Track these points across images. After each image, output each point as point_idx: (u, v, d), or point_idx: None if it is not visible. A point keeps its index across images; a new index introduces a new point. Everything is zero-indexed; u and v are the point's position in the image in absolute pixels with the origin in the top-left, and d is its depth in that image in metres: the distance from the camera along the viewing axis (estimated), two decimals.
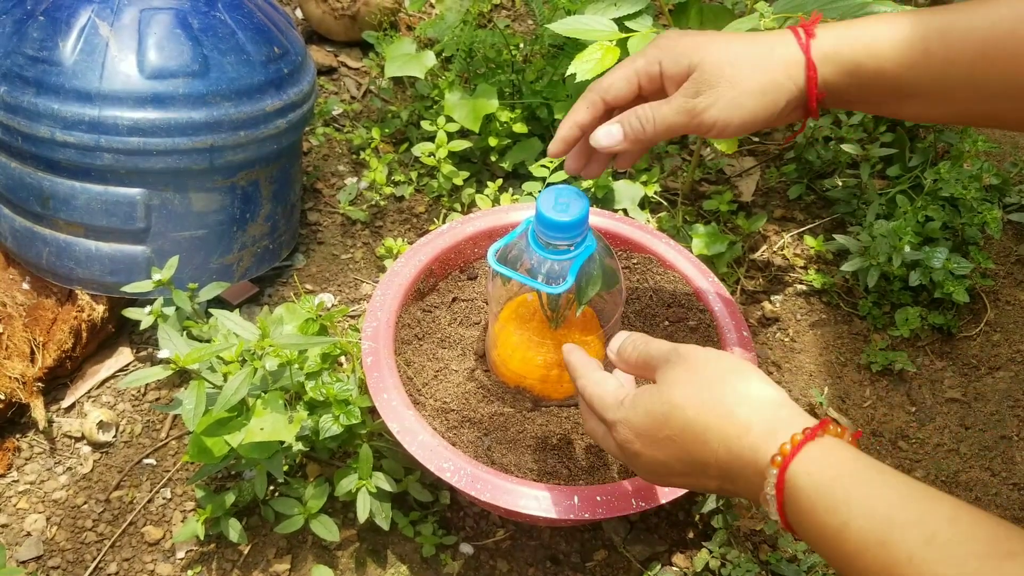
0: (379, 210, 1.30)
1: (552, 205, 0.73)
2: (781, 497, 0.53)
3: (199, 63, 0.97)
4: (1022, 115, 0.64)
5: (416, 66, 1.28)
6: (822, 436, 0.54)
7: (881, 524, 0.48)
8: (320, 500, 0.88)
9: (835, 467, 0.52)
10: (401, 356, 0.88)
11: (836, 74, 0.67)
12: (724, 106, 0.66)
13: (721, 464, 0.57)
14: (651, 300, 0.96)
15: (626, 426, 0.62)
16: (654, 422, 0.60)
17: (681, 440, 0.59)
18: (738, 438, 0.56)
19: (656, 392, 0.61)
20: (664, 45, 0.70)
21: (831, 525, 0.50)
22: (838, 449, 0.53)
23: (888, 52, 0.65)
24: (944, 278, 1.14)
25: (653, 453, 0.61)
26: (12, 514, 0.93)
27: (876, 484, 0.50)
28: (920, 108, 0.68)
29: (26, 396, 0.97)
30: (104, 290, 1.04)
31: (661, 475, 0.62)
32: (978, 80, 0.63)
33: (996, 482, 1.02)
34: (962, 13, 0.63)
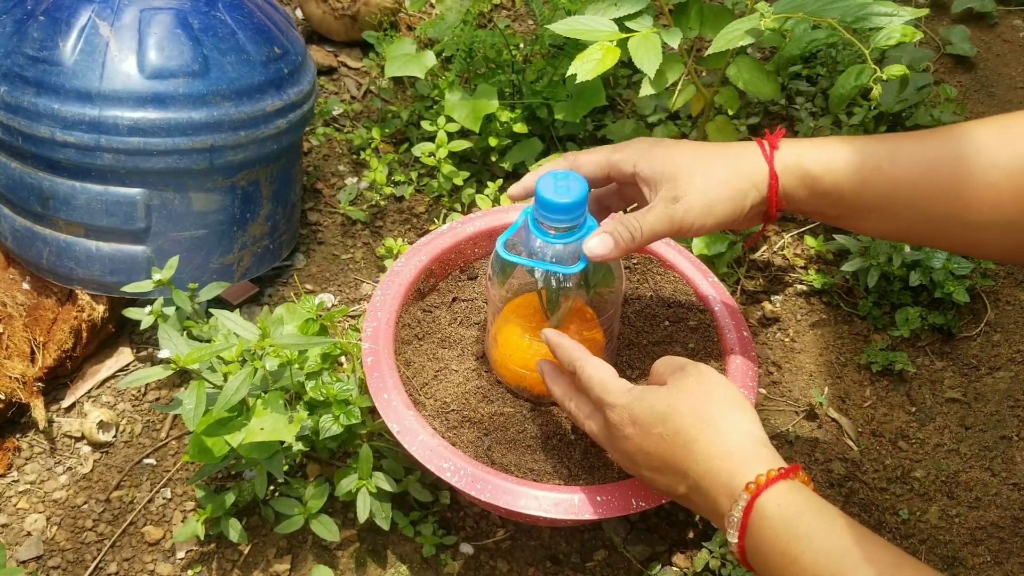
0: (379, 210, 1.30)
1: (552, 188, 0.73)
2: (746, 521, 0.60)
3: (199, 63, 0.97)
4: (958, 240, 0.70)
5: (416, 66, 1.28)
6: (793, 478, 0.61)
7: (835, 560, 0.55)
8: (320, 500, 0.88)
9: (801, 505, 0.59)
10: (401, 356, 0.88)
11: (796, 186, 0.72)
12: (698, 212, 0.72)
13: (697, 477, 0.64)
14: (651, 300, 0.96)
15: (627, 411, 0.68)
16: (653, 418, 0.67)
17: (671, 442, 0.66)
18: (720, 459, 0.63)
19: (664, 393, 0.68)
20: (641, 149, 0.76)
21: (790, 553, 0.57)
22: (805, 492, 0.60)
23: (843, 168, 0.70)
24: (944, 278, 1.14)
25: (641, 443, 0.68)
26: (12, 514, 0.93)
27: (836, 525, 0.57)
28: (872, 225, 0.73)
29: (26, 396, 0.97)
30: (104, 290, 1.04)
31: (638, 464, 0.69)
32: (920, 202, 0.68)
33: (996, 482, 1.01)
34: (913, 139, 0.70)
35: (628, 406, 0.68)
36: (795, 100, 1.48)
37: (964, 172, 0.66)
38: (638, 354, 0.91)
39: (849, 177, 0.70)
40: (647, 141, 0.76)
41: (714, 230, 0.74)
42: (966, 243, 0.71)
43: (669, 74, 1.08)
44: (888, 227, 0.72)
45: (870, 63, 0.97)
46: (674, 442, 0.65)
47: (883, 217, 0.71)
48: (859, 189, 0.70)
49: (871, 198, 0.70)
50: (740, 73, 1.11)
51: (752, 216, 0.75)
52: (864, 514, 0.98)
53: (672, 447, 0.66)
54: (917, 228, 0.71)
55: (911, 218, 0.70)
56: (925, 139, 0.69)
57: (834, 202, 0.72)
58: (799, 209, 0.75)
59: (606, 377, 0.71)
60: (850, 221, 0.74)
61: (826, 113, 1.40)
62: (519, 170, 1.32)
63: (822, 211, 0.74)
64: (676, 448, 0.65)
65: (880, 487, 1.01)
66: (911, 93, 1.37)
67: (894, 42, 0.95)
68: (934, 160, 0.68)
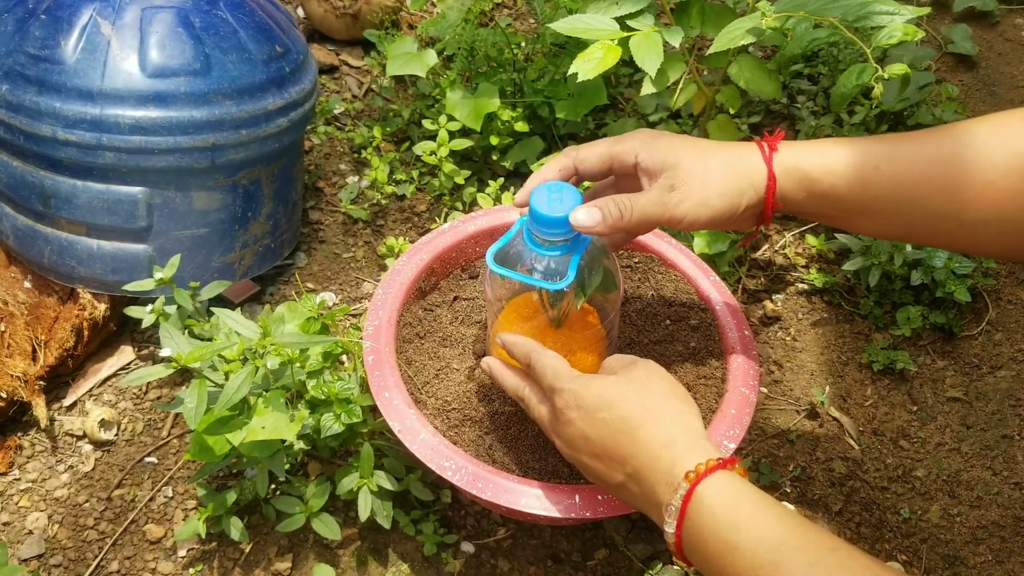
0: (380, 209, 1.30)
1: (546, 201, 0.73)
2: (684, 509, 0.61)
3: (201, 62, 0.97)
4: (957, 239, 0.70)
5: (418, 65, 1.28)
6: (732, 468, 0.62)
7: (774, 546, 0.56)
8: (321, 499, 0.88)
9: (740, 494, 0.60)
10: (402, 355, 0.88)
11: (793, 188, 0.72)
12: (694, 203, 0.72)
13: (637, 464, 0.65)
14: (652, 299, 0.96)
15: (573, 395, 0.69)
16: (599, 402, 0.68)
17: (614, 427, 0.67)
18: (661, 448, 0.64)
19: (612, 381, 0.69)
20: (643, 141, 0.75)
21: (729, 542, 0.58)
22: (743, 482, 0.61)
23: (841, 170, 0.70)
24: (946, 277, 1.14)
25: (583, 427, 0.68)
26: (14, 512, 0.93)
27: (772, 513, 0.58)
28: (870, 225, 0.73)
29: (28, 394, 0.97)
30: (106, 289, 1.04)
31: (578, 449, 0.70)
32: (919, 201, 0.69)
33: (997, 481, 1.01)
34: (911, 139, 0.70)
35: (575, 391, 0.69)
36: (796, 99, 1.48)
37: (962, 171, 0.67)
38: (639, 353, 0.91)
39: (847, 178, 0.70)
40: (650, 133, 0.76)
41: (706, 227, 0.74)
42: (965, 241, 0.71)
43: (670, 73, 1.08)
44: (886, 227, 0.73)
45: (871, 62, 0.97)
46: (618, 428, 0.66)
47: (882, 217, 0.71)
48: (858, 190, 0.70)
49: (870, 199, 0.70)
50: (741, 72, 1.11)
51: (747, 217, 0.75)
52: (865, 513, 0.98)
53: (615, 433, 0.67)
54: (916, 228, 0.71)
55: (910, 218, 0.70)
56: (923, 139, 0.69)
57: (832, 203, 0.72)
58: (796, 211, 0.75)
59: (558, 365, 0.73)
60: (848, 222, 0.74)
61: (827, 112, 1.40)
62: (520, 169, 1.32)
63: (820, 212, 0.74)
64: (619, 434, 0.66)
65: (881, 486, 1.01)
66: (913, 92, 1.37)
67: (895, 41, 0.95)
68: (933, 159, 0.68)
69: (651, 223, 0.73)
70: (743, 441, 0.96)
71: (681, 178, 0.72)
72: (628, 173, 0.77)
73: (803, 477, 1.01)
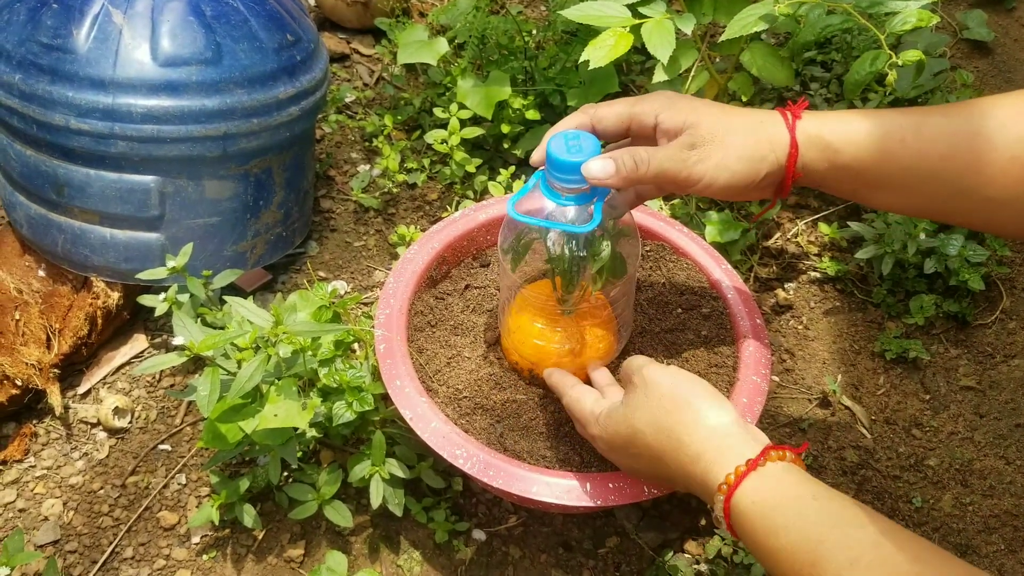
0: (392, 197, 1.30)
1: (564, 147, 0.71)
2: (728, 520, 0.61)
3: (212, 51, 0.97)
4: (978, 216, 0.69)
5: (428, 53, 1.28)
6: (764, 465, 0.60)
7: (812, 547, 0.55)
8: (334, 486, 0.88)
9: (774, 496, 0.59)
10: (414, 343, 0.88)
11: (815, 158, 0.71)
12: (713, 164, 0.70)
13: (681, 481, 0.66)
14: (664, 288, 0.96)
15: (603, 441, 0.72)
16: (622, 441, 0.69)
17: (646, 458, 0.68)
18: (691, 464, 0.64)
19: (621, 415, 0.70)
20: (665, 101, 0.73)
21: (771, 547, 0.57)
22: (778, 476, 0.60)
23: (865, 141, 0.69)
24: (959, 265, 1.13)
25: (627, 462, 0.72)
26: (29, 499, 0.94)
27: (811, 510, 0.57)
28: (890, 199, 0.71)
29: (42, 382, 0.98)
30: (119, 277, 1.04)
31: (638, 475, 0.74)
32: (943, 175, 0.67)
33: (1011, 470, 1.01)
34: (938, 113, 0.68)
35: (601, 437, 0.72)
36: (810, 86, 1.47)
37: (989, 146, 0.65)
38: (651, 341, 0.91)
39: (871, 150, 0.68)
40: (670, 94, 0.74)
41: (721, 192, 0.71)
42: (986, 219, 0.69)
43: (682, 60, 1.08)
44: (907, 202, 0.71)
45: (885, 48, 0.96)
46: (648, 458, 0.68)
47: (903, 191, 0.70)
48: (881, 162, 0.68)
49: (893, 171, 0.68)
50: (754, 59, 1.10)
51: (765, 186, 0.72)
52: (877, 502, 0.98)
53: (650, 462, 0.68)
54: (936, 203, 0.70)
55: (932, 192, 0.68)
56: (950, 112, 0.68)
57: (854, 175, 0.70)
58: (815, 182, 0.73)
59: (581, 410, 0.75)
60: (868, 195, 0.72)
61: (841, 99, 1.39)
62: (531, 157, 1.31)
63: (839, 185, 0.72)
64: (653, 462, 0.68)
65: (893, 475, 1.00)
66: (927, 79, 1.36)
67: (910, 27, 0.94)
68: (958, 133, 0.66)
69: (667, 180, 0.71)
70: None
71: (702, 137, 0.70)
72: (646, 135, 0.74)
73: (815, 466, 1.01)
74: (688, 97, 0.74)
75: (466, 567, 0.90)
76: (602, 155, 0.70)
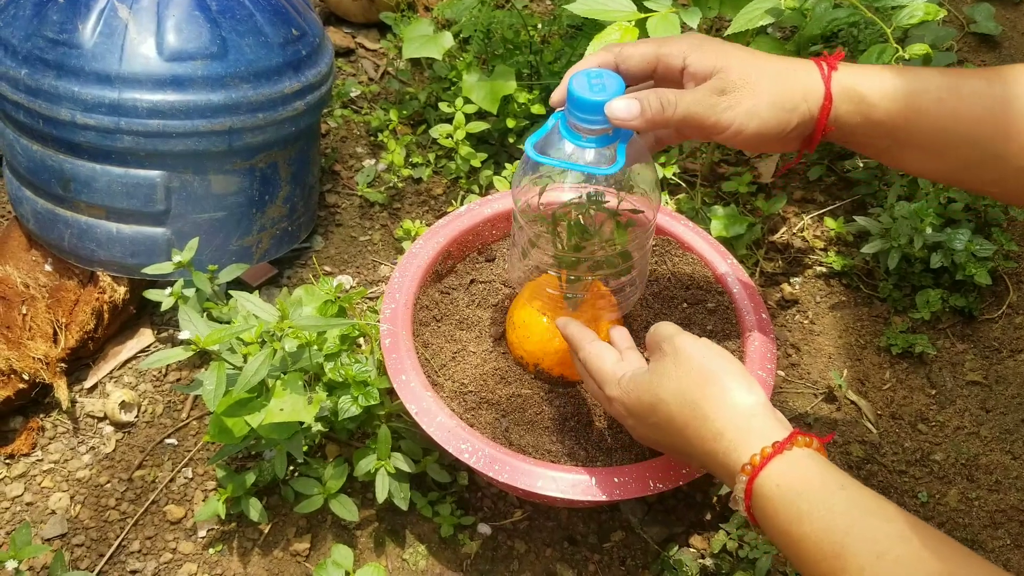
0: (397, 192, 1.30)
1: (586, 85, 0.67)
2: (749, 501, 0.59)
3: (218, 45, 0.97)
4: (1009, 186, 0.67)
5: (434, 47, 1.28)
6: (790, 449, 0.58)
7: (838, 537, 0.53)
8: (339, 480, 0.88)
9: (800, 481, 0.57)
10: (419, 338, 0.89)
11: (849, 111, 0.68)
12: (743, 111, 0.67)
13: (699, 456, 0.65)
14: (669, 282, 0.96)
15: (620, 403, 0.70)
16: (644, 409, 0.68)
17: (667, 429, 0.66)
18: (713, 440, 0.62)
19: (647, 382, 0.68)
20: (694, 43, 0.70)
21: (793, 534, 0.55)
22: (805, 462, 0.58)
23: (901, 97, 0.66)
24: (966, 260, 1.13)
25: (643, 431, 0.70)
26: (37, 492, 0.95)
27: (838, 499, 0.55)
28: (920, 160, 0.69)
29: (49, 376, 0.98)
30: (125, 272, 1.05)
31: (650, 442, 0.72)
32: (977, 139, 0.65)
33: (1017, 465, 1.01)
34: (978, 76, 0.67)
35: (620, 399, 0.70)
36: None
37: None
38: None
39: (907, 107, 0.66)
40: (699, 36, 0.71)
41: (749, 141, 0.69)
42: (1015, 189, 0.67)
43: None
44: (936, 165, 0.69)
45: (892, 42, 0.96)
46: (670, 429, 0.66)
47: (934, 153, 0.68)
48: (915, 120, 0.66)
49: (926, 131, 0.67)
50: None
51: (793, 137, 0.70)
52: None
53: (668, 434, 0.66)
54: (967, 169, 0.68)
55: (964, 157, 0.67)
56: (990, 77, 0.66)
57: (886, 132, 0.68)
58: (844, 137, 0.70)
59: (601, 367, 0.72)
60: (896, 155, 0.70)
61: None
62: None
63: (869, 141, 0.70)
64: (672, 434, 0.66)
65: (899, 470, 1.00)
66: None
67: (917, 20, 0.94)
68: (998, 97, 0.65)
69: (693, 125, 0.68)
70: None
71: (732, 83, 0.67)
72: (673, 78, 0.71)
73: None
74: (718, 40, 0.71)
75: (471, 561, 0.90)
76: (626, 95, 0.67)
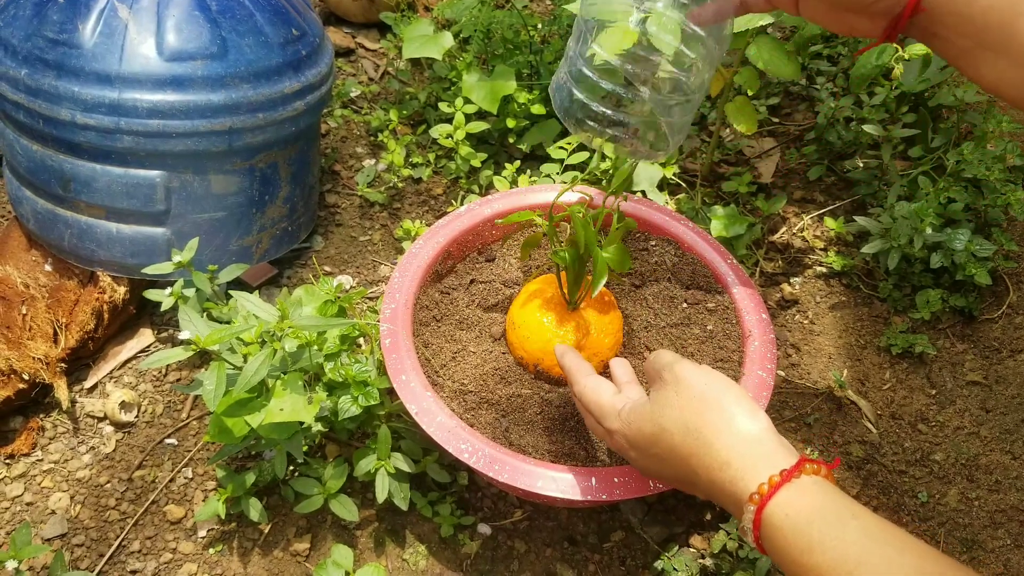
0: (397, 192, 1.30)
1: None
2: (757, 532, 0.57)
3: (217, 45, 0.97)
4: None
5: (434, 47, 1.28)
6: (799, 477, 0.56)
7: (851, 567, 0.51)
8: (339, 480, 0.88)
9: (811, 510, 0.55)
10: (419, 338, 0.89)
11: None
12: None
13: (704, 486, 0.62)
14: (669, 282, 0.96)
15: (622, 436, 0.68)
16: (645, 440, 0.65)
17: (670, 460, 0.64)
18: (719, 470, 0.60)
19: (648, 412, 0.65)
20: None
21: (804, 564, 0.53)
22: (814, 490, 0.56)
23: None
24: (966, 260, 1.13)
25: (646, 463, 0.67)
26: (37, 492, 0.95)
27: (849, 529, 0.53)
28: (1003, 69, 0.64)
29: (49, 376, 0.98)
30: (125, 272, 1.05)
31: (652, 475, 0.68)
32: None
33: (1017, 465, 1.01)
34: None
35: (621, 432, 0.68)
36: (816, 80, 1.47)
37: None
38: (656, 336, 0.91)
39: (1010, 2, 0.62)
40: None
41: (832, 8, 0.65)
42: None
43: None
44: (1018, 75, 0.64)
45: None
46: (673, 460, 0.63)
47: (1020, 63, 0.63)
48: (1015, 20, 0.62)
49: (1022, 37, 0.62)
50: (760, 53, 1.10)
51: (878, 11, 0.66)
52: (883, 496, 0.98)
53: (673, 464, 0.64)
54: None
55: None
56: None
57: (977, 29, 0.63)
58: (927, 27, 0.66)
59: (598, 400, 0.71)
60: (978, 58, 0.65)
61: (847, 93, 1.39)
62: (537, 151, 1.31)
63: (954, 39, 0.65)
64: (677, 465, 0.63)
65: (899, 470, 1.00)
66: (934, 73, 1.35)
67: None
68: None
69: None
70: None
71: None
72: None
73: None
74: None
75: (471, 561, 0.90)
76: None
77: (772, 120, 1.46)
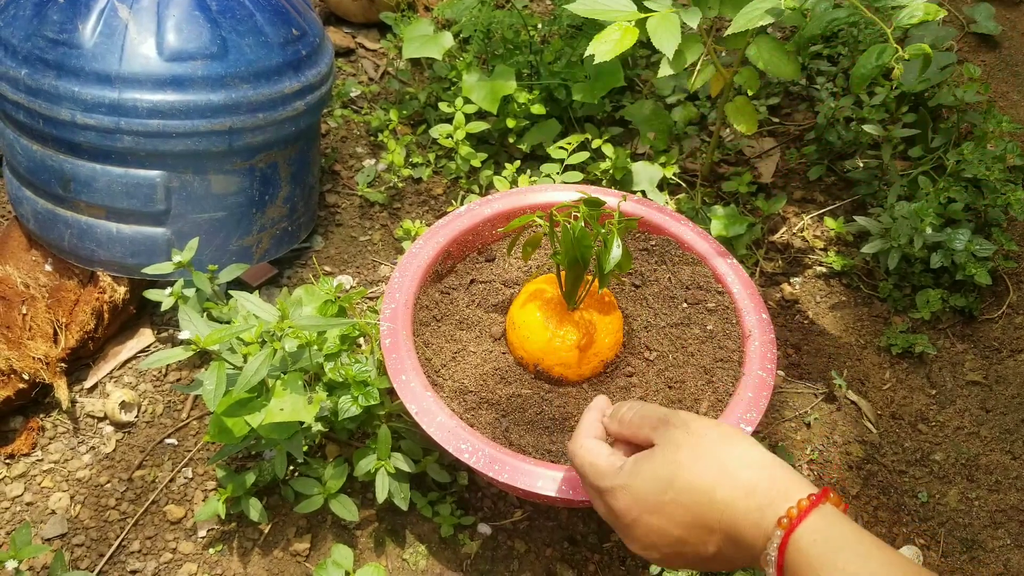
0: (397, 192, 1.30)
1: None
2: (782, 559, 0.55)
3: (218, 45, 0.97)
4: None
5: (434, 47, 1.28)
6: (824, 505, 0.56)
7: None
8: (339, 480, 0.88)
9: (838, 538, 0.55)
10: (419, 338, 0.89)
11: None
12: None
13: (725, 524, 0.59)
14: (669, 282, 0.96)
15: (626, 492, 0.62)
16: (658, 484, 0.61)
17: (687, 501, 0.60)
18: (744, 498, 0.58)
19: (659, 454, 0.62)
20: None
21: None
22: (839, 520, 0.56)
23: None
24: (966, 260, 1.13)
25: (650, 520, 0.61)
26: (37, 492, 0.95)
27: (874, 559, 0.53)
28: None
29: (49, 376, 0.98)
30: (125, 272, 1.05)
31: (655, 545, 0.62)
32: None
33: (1017, 465, 1.01)
34: None
35: (626, 486, 0.62)
36: (816, 80, 1.47)
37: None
38: (656, 335, 0.91)
39: None
40: None
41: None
42: None
43: (688, 54, 1.07)
44: None
45: (892, 42, 0.95)
46: (692, 499, 0.60)
47: None
48: None
49: None
50: (760, 53, 1.10)
51: None
52: (882, 496, 0.98)
53: (691, 505, 0.60)
54: None
55: None
56: None
57: None
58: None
59: (595, 461, 0.65)
60: None
61: (847, 93, 1.39)
62: (537, 151, 1.31)
63: None
64: (696, 506, 0.59)
65: (899, 470, 1.00)
66: (934, 72, 1.35)
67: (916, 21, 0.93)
68: None
69: None
70: (759, 424, 0.96)
71: None
72: None
73: (820, 460, 1.01)
74: None
75: (471, 561, 0.90)
76: None
77: (772, 120, 1.46)
